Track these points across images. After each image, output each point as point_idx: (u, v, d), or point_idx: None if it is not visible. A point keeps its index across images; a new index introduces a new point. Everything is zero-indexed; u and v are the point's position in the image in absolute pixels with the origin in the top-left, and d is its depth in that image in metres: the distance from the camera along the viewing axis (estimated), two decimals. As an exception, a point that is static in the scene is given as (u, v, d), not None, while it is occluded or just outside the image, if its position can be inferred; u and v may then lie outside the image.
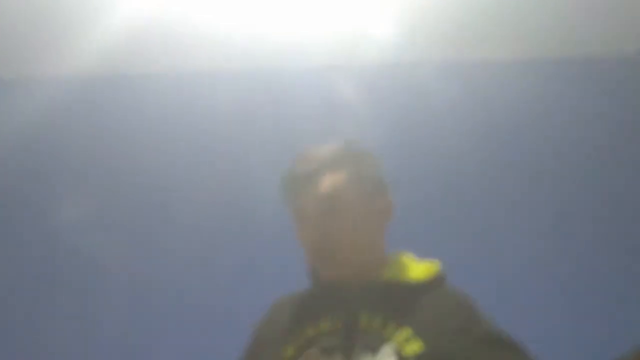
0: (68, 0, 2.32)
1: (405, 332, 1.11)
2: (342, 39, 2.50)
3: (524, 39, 2.54)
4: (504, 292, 2.25)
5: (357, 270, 1.20)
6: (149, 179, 2.50)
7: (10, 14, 2.38)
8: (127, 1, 2.30)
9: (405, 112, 2.55)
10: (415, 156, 2.49)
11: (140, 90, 2.61)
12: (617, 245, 2.35)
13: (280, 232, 1.34)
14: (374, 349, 1.10)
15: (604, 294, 2.29)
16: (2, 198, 2.53)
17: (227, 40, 2.49)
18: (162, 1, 2.32)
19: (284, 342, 1.18)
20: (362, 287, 1.19)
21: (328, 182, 1.20)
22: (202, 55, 2.55)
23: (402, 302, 1.16)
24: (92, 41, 2.42)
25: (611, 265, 2.33)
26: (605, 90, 2.56)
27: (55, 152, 2.58)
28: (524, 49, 2.57)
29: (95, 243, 2.37)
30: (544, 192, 2.45)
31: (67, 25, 2.41)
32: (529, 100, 2.55)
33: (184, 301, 2.32)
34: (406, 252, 1.30)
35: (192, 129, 2.55)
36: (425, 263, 1.28)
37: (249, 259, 2.30)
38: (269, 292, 1.33)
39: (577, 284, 2.30)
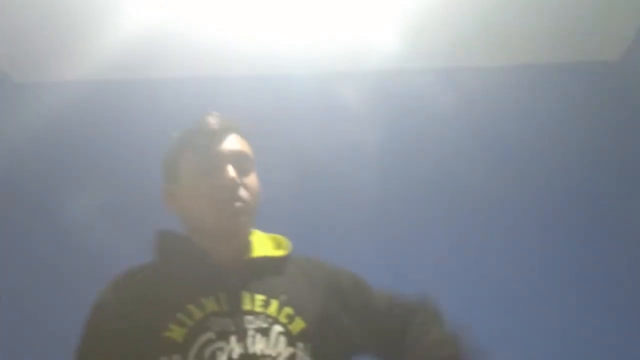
0: (78, 6, 2.34)
1: (287, 311, 1.15)
2: (345, 47, 2.52)
3: (517, 47, 2.56)
4: (498, 291, 2.28)
5: (235, 249, 1.24)
6: (157, 182, 2.51)
7: (22, 19, 2.41)
8: (135, 8, 2.32)
9: (406, 118, 2.57)
10: (416, 161, 2.52)
11: (147, 95, 2.63)
12: (612, 247, 2.37)
13: (283, 232, 1.37)
14: (265, 330, 1.12)
15: (599, 293, 2.30)
16: (11, 199, 2.55)
17: (231, 46, 2.51)
18: (169, 8, 2.34)
19: (163, 321, 1.10)
20: (239, 266, 1.21)
21: (235, 171, 1.24)
22: (208, 62, 2.57)
23: (275, 278, 1.20)
24: (101, 47, 2.44)
25: (604, 265, 2.35)
26: (595, 94, 2.59)
27: (65, 155, 2.60)
28: (516, 56, 2.60)
29: (103, 244, 2.38)
30: (539, 195, 2.46)
31: (77, 31, 2.44)
32: (526, 105, 2.58)
33: None
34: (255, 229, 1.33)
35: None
36: (274, 236, 1.32)
37: None
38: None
39: (569, 282, 2.32)
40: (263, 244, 1.28)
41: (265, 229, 1.39)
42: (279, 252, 1.27)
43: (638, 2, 2.40)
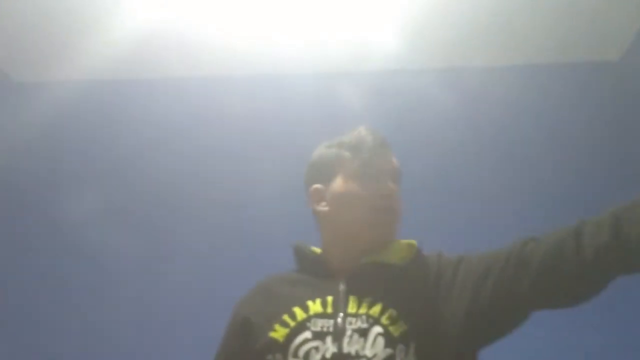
0: (78, 6, 2.35)
1: (390, 313, 1.15)
2: (345, 46, 2.52)
3: (517, 47, 2.57)
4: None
5: (358, 254, 1.25)
6: (158, 181, 2.51)
7: (22, 19, 2.41)
8: (135, 8, 2.32)
9: (406, 118, 2.56)
10: (416, 160, 2.49)
11: (147, 95, 2.64)
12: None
13: (285, 233, 1.38)
14: (364, 330, 1.13)
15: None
16: (11, 199, 2.56)
17: (231, 46, 2.52)
18: (169, 8, 2.35)
19: (272, 322, 1.18)
20: (351, 269, 1.23)
21: (394, 186, 1.29)
22: (209, 61, 2.57)
23: (387, 283, 1.20)
24: (101, 47, 2.45)
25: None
26: (595, 94, 2.59)
27: (65, 155, 2.61)
28: (516, 56, 2.60)
29: (104, 243, 2.39)
30: (539, 194, 2.47)
31: (77, 31, 2.44)
32: (526, 105, 2.58)
33: (189, 301, 2.34)
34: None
35: (199, 134, 2.57)
36: (405, 243, 1.32)
37: (254, 258, 2.30)
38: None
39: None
40: (390, 251, 1.28)
41: (265, 228, 1.39)
42: (396, 260, 1.26)
43: (638, 2, 2.40)
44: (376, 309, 1.16)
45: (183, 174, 2.52)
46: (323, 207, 1.30)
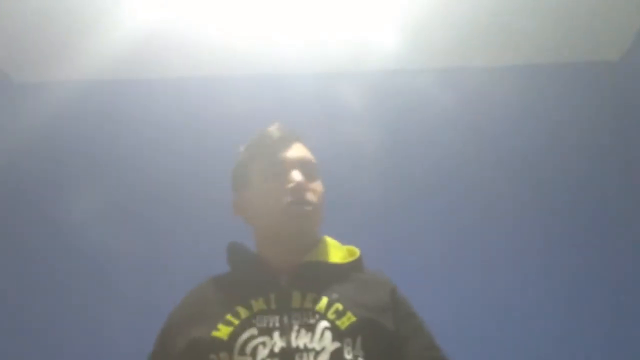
0: (78, 6, 2.34)
1: (336, 306, 1.16)
2: (345, 46, 2.52)
3: (516, 47, 2.57)
4: (498, 290, 2.28)
5: (297, 253, 1.27)
6: (158, 181, 2.51)
7: (22, 19, 2.41)
8: (135, 8, 2.32)
9: (406, 118, 2.57)
10: (416, 160, 2.52)
11: (147, 95, 2.64)
12: (612, 246, 2.37)
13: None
14: (311, 325, 1.14)
15: (599, 293, 2.30)
16: (11, 199, 2.55)
17: (231, 46, 2.52)
18: (169, 8, 2.35)
19: (214, 323, 1.17)
20: (294, 268, 1.24)
21: (300, 176, 1.28)
22: (209, 61, 2.58)
23: (330, 280, 1.22)
24: (101, 47, 2.45)
25: (605, 264, 2.34)
26: (595, 94, 2.60)
27: (64, 155, 2.60)
28: (516, 57, 2.60)
29: (103, 244, 2.39)
30: (539, 194, 2.46)
31: (77, 31, 2.44)
32: (526, 105, 2.58)
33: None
34: (329, 237, 1.36)
35: (199, 134, 2.57)
36: (348, 247, 1.34)
37: None
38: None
39: (569, 282, 2.32)
40: (329, 251, 1.30)
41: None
42: (337, 260, 1.28)
43: (638, 2, 2.40)
44: (322, 304, 1.17)
45: (183, 174, 2.52)
46: (240, 215, 1.35)
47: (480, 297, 2.26)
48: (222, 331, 1.15)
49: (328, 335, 1.12)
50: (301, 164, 1.31)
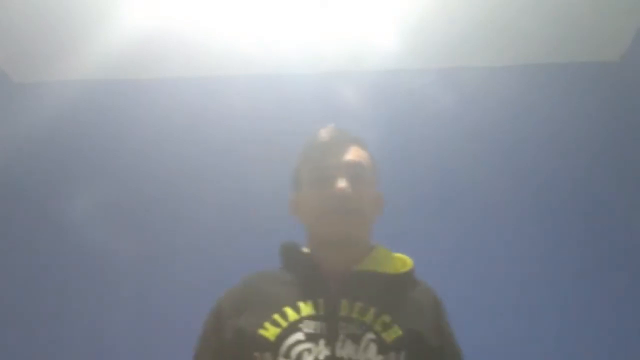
0: (78, 6, 2.35)
1: (384, 319, 1.16)
2: (345, 46, 2.52)
3: (517, 47, 2.57)
4: (498, 290, 2.28)
5: (347, 260, 1.26)
6: (158, 181, 2.51)
7: (22, 19, 2.42)
8: (135, 8, 2.33)
9: (406, 118, 2.57)
10: (416, 160, 2.51)
11: (147, 95, 2.64)
12: (612, 246, 2.36)
13: (285, 232, 1.38)
14: (356, 336, 1.13)
15: (599, 292, 2.30)
16: (11, 199, 2.55)
17: (231, 46, 2.52)
18: (168, 9, 2.35)
19: (261, 320, 1.17)
20: (345, 276, 1.23)
21: (347, 182, 1.26)
22: (209, 61, 2.58)
23: (380, 291, 1.21)
24: (101, 47, 2.46)
25: (605, 264, 2.34)
26: (595, 94, 2.59)
27: (65, 155, 2.61)
28: (516, 56, 2.60)
29: (103, 243, 2.39)
30: (539, 194, 2.46)
31: (77, 31, 2.45)
32: (526, 105, 2.58)
33: (189, 300, 2.28)
34: (382, 245, 1.35)
35: (199, 134, 2.57)
36: (400, 256, 1.33)
37: (254, 258, 2.27)
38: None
39: (569, 281, 2.31)
40: (380, 261, 1.29)
41: (264, 228, 1.39)
42: (389, 270, 1.27)
43: (638, 2, 2.40)
44: (369, 315, 1.16)
45: (183, 174, 2.52)
46: (295, 215, 1.34)
47: (480, 296, 2.26)
48: (270, 331, 1.15)
49: (373, 347, 1.12)
50: (348, 169, 1.29)
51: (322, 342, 1.13)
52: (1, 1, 2.34)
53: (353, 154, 1.32)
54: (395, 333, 1.14)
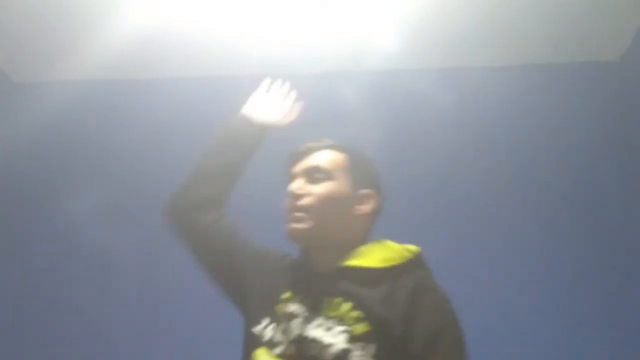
0: (78, 6, 2.35)
1: (355, 314, 1.19)
2: (345, 46, 2.52)
3: (517, 47, 2.57)
4: (498, 289, 2.29)
5: (334, 258, 1.29)
6: (158, 181, 2.47)
7: (22, 19, 2.42)
8: (135, 8, 2.33)
9: (406, 118, 2.57)
10: (416, 160, 2.52)
11: (147, 95, 2.64)
12: (612, 246, 2.37)
13: (283, 232, 1.38)
14: (329, 328, 1.18)
15: (599, 292, 2.31)
16: (11, 199, 2.56)
17: (231, 46, 2.52)
18: (168, 9, 2.35)
19: (260, 315, 1.28)
20: (329, 272, 1.27)
21: (300, 184, 1.32)
22: (209, 61, 2.58)
23: (359, 286, 1.23)
24: (101, 47, 2.45)
25: (605, 264, 2.34)
26: (595, 94, 2.59)
27: (64, 155, 2.61)
28: (516, 56, 2.60)
29: (103, 243, 2.39)
30: (539, 194, 2.46)
31: (77, 31, 2.45)
32: (526, 105, 2.58)
33: (189, 300, 2.33)
34: (385, 240, 1.35)
35: (199, 134, 2.56)
36: (405, 247, 1.33)
37: None
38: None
39: (569, 281, 2.32)
40: (366, 255, 1.29)
41: (265, 228, 1.40)
42: (375, 263, 1.28)
43: (638, 2, 2.40)
44: (343, 309, 1.20)
45: (183, 174, 2.51)
46: None
47: (480, 296, 2.26)
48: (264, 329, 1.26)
49: (342, 337, 1.17)
50: (305, 173, 1.34)
51: (298, 320, 1.21)
52: (1, 1, 2.34)
53: (316, 159, 1.35)
54: (363, 328, 1.17)
